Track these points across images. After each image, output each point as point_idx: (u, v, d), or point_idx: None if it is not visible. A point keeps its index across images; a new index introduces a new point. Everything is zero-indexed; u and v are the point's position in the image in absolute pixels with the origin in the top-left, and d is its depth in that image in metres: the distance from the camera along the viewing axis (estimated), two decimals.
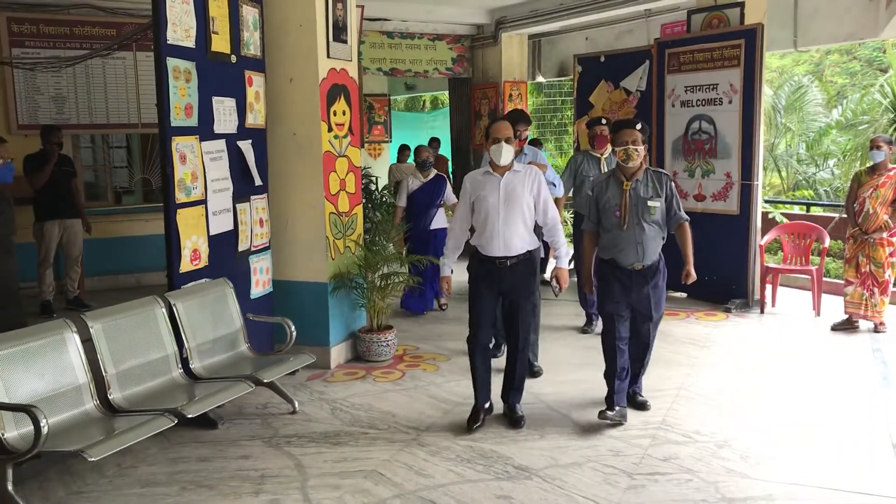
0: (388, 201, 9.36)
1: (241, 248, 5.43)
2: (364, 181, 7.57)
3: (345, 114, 5.92)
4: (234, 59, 5.26)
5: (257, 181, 5.56)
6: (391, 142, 14.10)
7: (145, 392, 4.30)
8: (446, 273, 4.70)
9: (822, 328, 6.66)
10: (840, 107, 14.73)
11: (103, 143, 9.09)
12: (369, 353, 5.97)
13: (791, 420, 4.65)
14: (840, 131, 13.80)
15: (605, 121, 6.46)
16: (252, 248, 5.56)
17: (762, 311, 7.32)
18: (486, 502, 3.68)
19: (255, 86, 5.54)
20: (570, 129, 14.73)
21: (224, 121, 5.20)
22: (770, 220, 8.91)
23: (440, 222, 7.45)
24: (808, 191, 13.40)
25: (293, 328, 5.06)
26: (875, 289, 6.44)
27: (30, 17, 8.12)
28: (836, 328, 6.58)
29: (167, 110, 4.63)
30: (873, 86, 13.84)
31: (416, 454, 4.24)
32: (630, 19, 10.10)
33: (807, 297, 7.43)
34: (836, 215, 8.73)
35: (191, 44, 4.82)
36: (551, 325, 6.75)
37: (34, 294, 7.42)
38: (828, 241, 7.42)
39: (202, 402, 4.14)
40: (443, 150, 11.99)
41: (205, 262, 5.00)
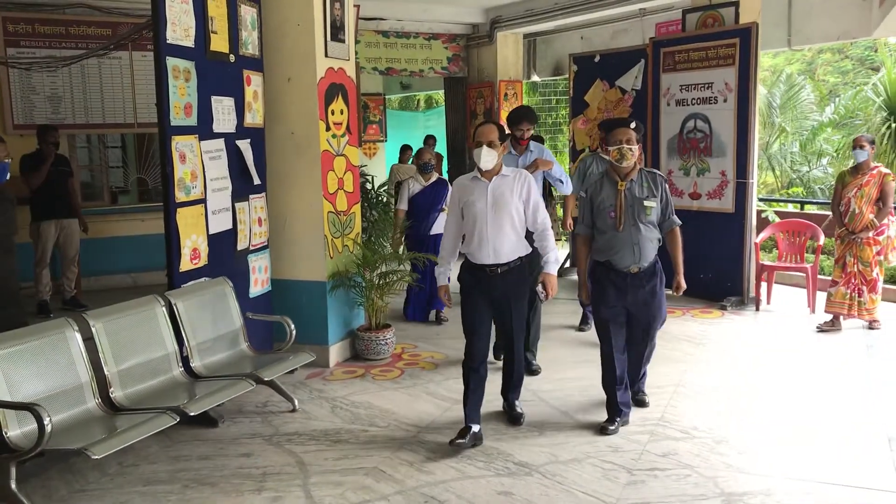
0: (385, 200, 9.39)
1: (240, 248, 5.44)
2: (360, 180, 7.54)
3: (342, 113, 5.93)
4: (232, 58, 5.27)
5: (256, 180, 5.57)
6: (386, 141, 14.11)
7: (146, 390, 4.31)
8: (444, 282, 4.49)
9: (816, 325, 6.69)
10: (833, 105, 14.80)
11: (99, 143, 9.08)
12: (368, 351, 5.99)
13: (787, 416, 4.69)
14: (834, 129, 13.87)
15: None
16: (251, 248, 5.58)
17: (757, 309, 7.37)
18: (487, 498, 3.71)
19: (254, 85, 5.55)
20: (564, 128, 14.77)
21: (223, 120, 5.21)
22: (763, 220, 8.95)
23: (441, 227, 7.25)
24: (801, 189, 13.47)
25: (293, 327, 5.08)
26: (863, 287, 6.46)
27: (25, 17, 8.11)
28: (821, 329, 6.57)
29: (167, 110, 4.64)
30: (866, 84, 13.92)
31: (416, 451, 4.27)
32: (625, 18, 10.16)
33: (802, 294, 7.48)
34: (831, 213, 8.76)
35: (190, 43, 4.83)
36: (549, 323, 6.77)
37: (31, 294, 7.40)
38: (822, 239, 7.46)
39: (204, 400, 4.15)
40: (438, 148, 11.99)
41: (204, 261, 5.01)
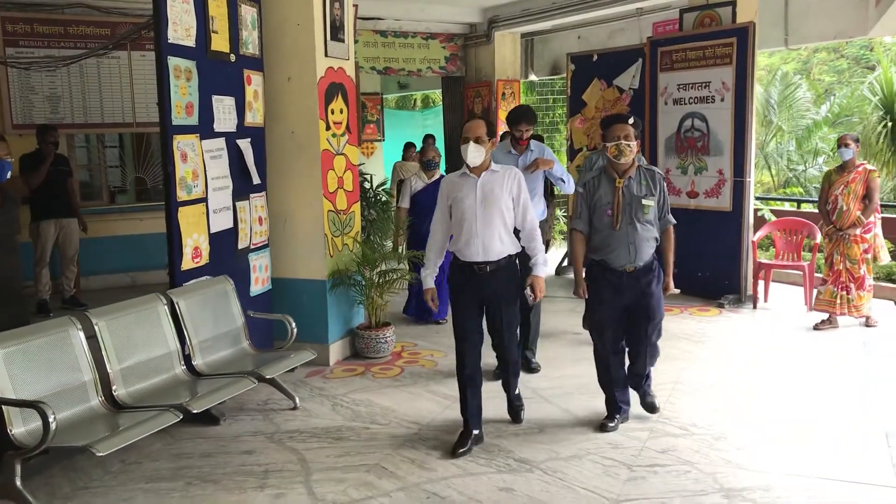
0: (383, 199, 9.40)
1: (240, 246, 5.46)
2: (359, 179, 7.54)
3: (342, 112, 5.95)
4: (233, 58, 5.29)
5: (255, 179, 5.58)
6: (384, 140, 14.12)
7: (149, 388, 4.33)
8: (430, 284, 4.37)
9: (813, 323, 6.73)
10: (828, 103, 14.86)
11: (98, 143, 9.09)
12: (368, 349, 6.02)
13: (785, 413, 4.72)
14: (830, 128, 13.92)
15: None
16: (251, 246, 5.60)
17: (755, 307, 7.41)
18: (488, 494, 3.73)
19: (254, 85, 5.57)
20: (561, 127, 14.79)
21: (224, 119, 5.23)
22: (760, 218, 8.99)
23: None
24: (797, 188, 13.51)
25: (294, 325, 5.10)
26: (851, 284, 6.47)
27: (24, 17, 8.11)
28: (818, 327, 6.59)
29: (168, 109, 4.66)
30: (863, 83, 13.97)
31: (417, 448, 4.29)
32: (622, 18, 10.17)
33: (799, 292, 7.52)
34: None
35: (191, 43, 4.85)
36: (548, 321, 6.77)
37: (30, 293, 7.40)
38: (819, 237, 7.49)
39: (206, 397, 4.18)
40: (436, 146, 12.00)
41: (206, 259, 5.03)
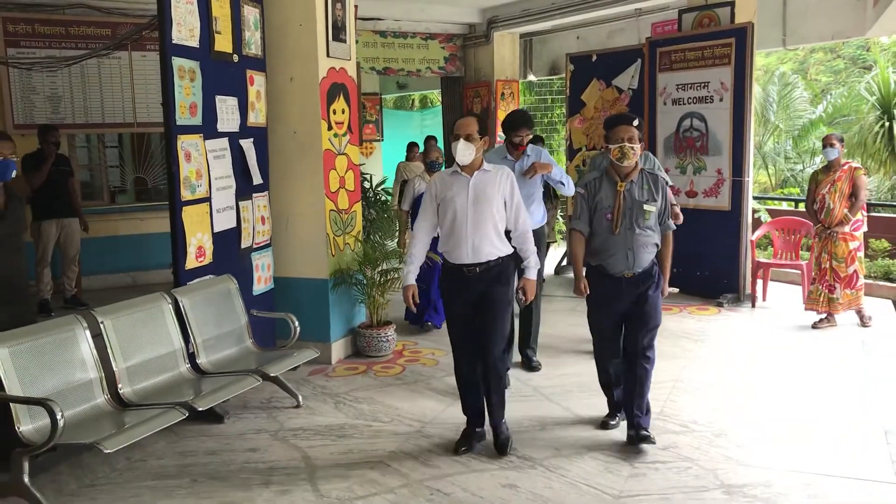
0: (383, 199, 9.45)
1: (243, 246, 5.49)
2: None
3: (344, 112, 5.98)
4: (236, 58, 5.32)
5: (257, 179, 5.61)
6: (383, 140, 14.17)
7: (154, 386, 4.36)
8: (410, 281, 4.20)
9: (812, 322, 6.77)
10: (825, 102, 14.92)
11: (99, 143, 9.11)
12: (369, 348, 6.05)
13: (785, 410, 4.76)
14: (827, 128, 13.98)
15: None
16: (254, 245, 5.63)
17: (753, 306, 7.46)
18: (492, 491, 3.77)
19: (257, 85, 5.60)
20: (560, 127, 14.85)
21: (227, 119, 5.26)
22: (756, 220, 9.02)
23: None
24: (795, 188, 13.57)
25: (297, 323, 5.13)
26: (836, 284, 6.47)
27: (25, 17, 8.12)
28: (816, 326, 6.62)
29: (173, 109, 4.69)
30: (859, 83, 14.03)
31: (421, 445, 4.33)
32: (621, 18, 10.22)
33: (797, 291, 7.56)
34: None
35: (195, 43, 4.88)
36: (547, 320, 6.81)
37: (32, 293, 7.42)
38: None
39: (211, 395, 4.21)
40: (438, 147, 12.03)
41: (209, 258, 5.06)
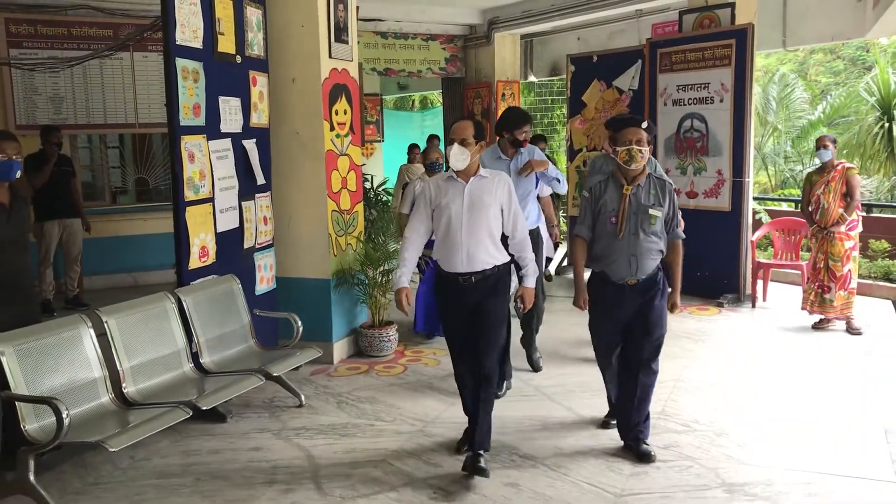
0: (384, 199, 9.46)
1: (246, 246, 5.51)
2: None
3: (346, 113, 6.01)
4: (238, 59, 5.34)
5: (260, 180, 5.63)
6: (383, 141, 14.20)
7: (158, 386, 4.39)
8: (403, 284, 4.02)
9: (812, 322, 6.79)
10: (824, 103, 14.93)
11: (100, 144, 9.13)
12: (371, 348, 6.07)
13: (786, 409, 4.78)
14: (827, 128, 14.00)
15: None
16: (257, 246, 5.65)
17: (753, 306, 7.48)
18: (494, 489, 3.79)
19: (259, 86, 5.62)
20: (560, 128, 14.87)
21: (230, 120, 5.28)
22: (756, 221, 9.04)
23: None
24: (795, 189, 13.59)
25: (300, 323, 5.15)
26: (831, 284, 6.45)
27: (27, 18, 8.15)
28: (816, 326, 6.64)
29: (176, 110, 4.71)
30: (859, 83, 14.05)
31: (423, 444, 4.35)
32: (621, 19, 10.26)
33: (797, 291, 7.57)
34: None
35: (198, 44, 4.90)
36: (547, 320, 6.83)
37: (37, 293, 7.46)
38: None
39: (215, 394, 4.23)
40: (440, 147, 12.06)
41: (213, 258, 5.08)
